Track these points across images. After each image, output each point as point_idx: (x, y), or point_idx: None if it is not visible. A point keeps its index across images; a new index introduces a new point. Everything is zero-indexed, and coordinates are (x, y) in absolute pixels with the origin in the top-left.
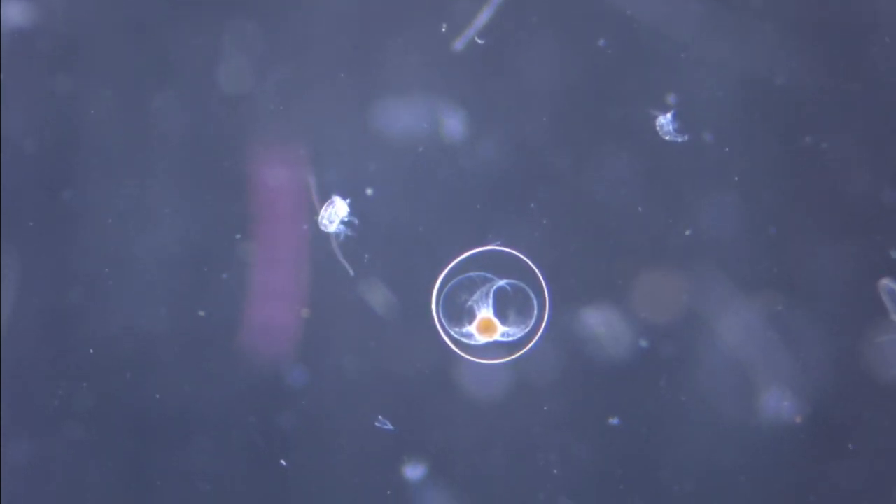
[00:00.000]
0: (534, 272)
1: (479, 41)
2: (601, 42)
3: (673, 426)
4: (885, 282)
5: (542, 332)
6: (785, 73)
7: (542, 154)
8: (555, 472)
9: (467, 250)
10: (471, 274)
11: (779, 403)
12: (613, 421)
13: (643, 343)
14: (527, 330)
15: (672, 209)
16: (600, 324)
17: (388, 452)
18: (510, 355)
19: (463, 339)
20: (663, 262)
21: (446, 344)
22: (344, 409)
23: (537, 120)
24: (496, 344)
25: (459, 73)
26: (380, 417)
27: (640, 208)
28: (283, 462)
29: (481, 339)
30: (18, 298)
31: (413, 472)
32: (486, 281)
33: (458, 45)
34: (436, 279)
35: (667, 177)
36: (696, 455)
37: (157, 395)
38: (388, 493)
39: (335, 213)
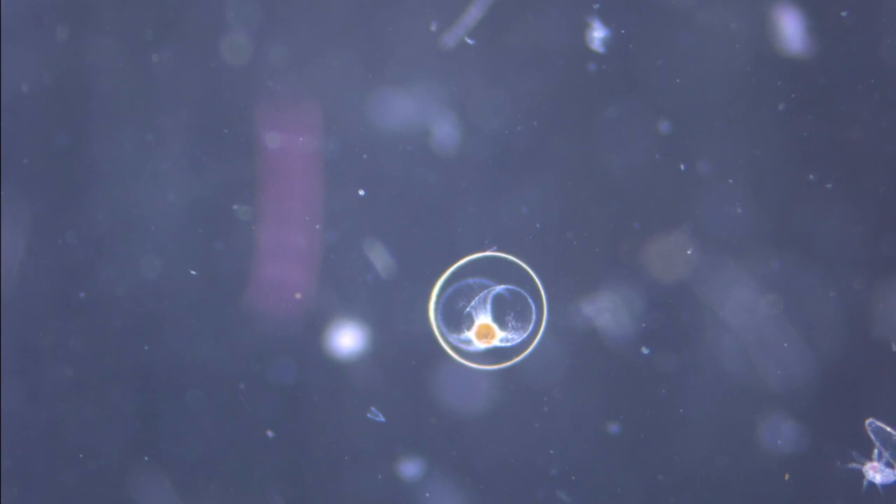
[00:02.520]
0: (531, 277)
1: (469, 41)
2: (592, 67)
3: (672, 431)
4: (872, 420)
5: (541, 337)
6: (787, 101)
7: (534, 157)
8: (554, 472)
9: (462, 256)
10: (469, 280)
11: (780, 412)
12: (614, 428)
13: (641, 346)
14: (526, 335)
15: (669, 212)
16: (599, 327)
17: (382, 451)
18: (510, 360)
19: (462, 346)
20: (661, 266)
21: (445, 350)
22: (338, 404)
23: (528, 122)
24: (495, 350)
25: (449, 74)
26: (373, 409)
27: (637, 224)
28: (269, 433)
29: (480, 345)
30: (21, 252)
31: (406, 469)
32: (483, 287)
33: (448, 40)
34: (433, 285)
35: (663, 179)
36: (694, 463)
37: (146, 347)
38: (379, 476)
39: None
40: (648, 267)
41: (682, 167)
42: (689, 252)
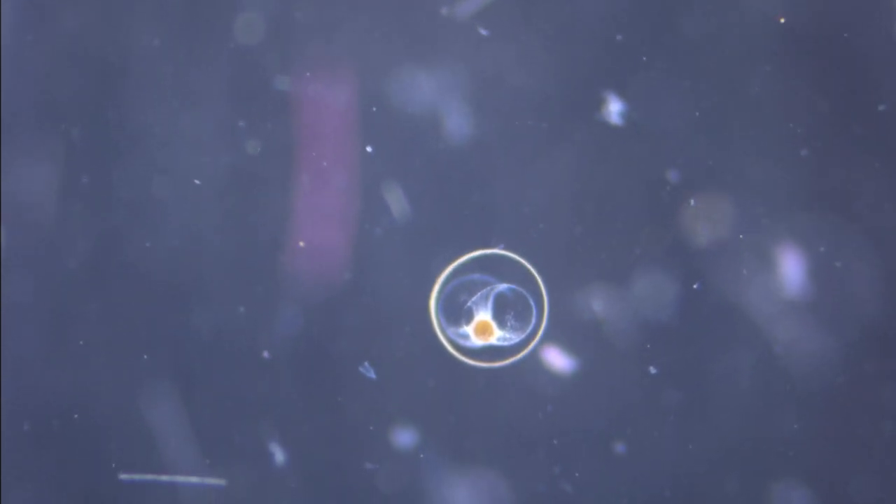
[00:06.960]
0: (534, 278)
1: (483, 32)
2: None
3: (666, 435)
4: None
5: (538, 340)
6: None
7: (537, 157)
8: (556, 469)
9: (465, 252)
10: (473, 276)
11: (786, 424)
12: (620, 448)
13: (647, 349)
14: (524, 335)
15: (676, 209)
16: (597, 332)
17: (378, 439)
18: (504, 359)
19: (459, 340)
20: (662, 270)
21: (442, 343)
22: (335, 397)
23: (532, 122)
24: (491, 347)
25: (456, 72)
26: (365, 364)
27: (645, 228)
28: (265, 354)
29: (477, 341)
30: (59, 217)
31: (407, 456)
32: (486, 284)
33: (460, 12)
34: (435, 279)
35: (666, 179)
36: (691, 465)
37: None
38: (375, 436)
39: None
40: (661, 266)
41: (691, 203)
42: (699, 250)
